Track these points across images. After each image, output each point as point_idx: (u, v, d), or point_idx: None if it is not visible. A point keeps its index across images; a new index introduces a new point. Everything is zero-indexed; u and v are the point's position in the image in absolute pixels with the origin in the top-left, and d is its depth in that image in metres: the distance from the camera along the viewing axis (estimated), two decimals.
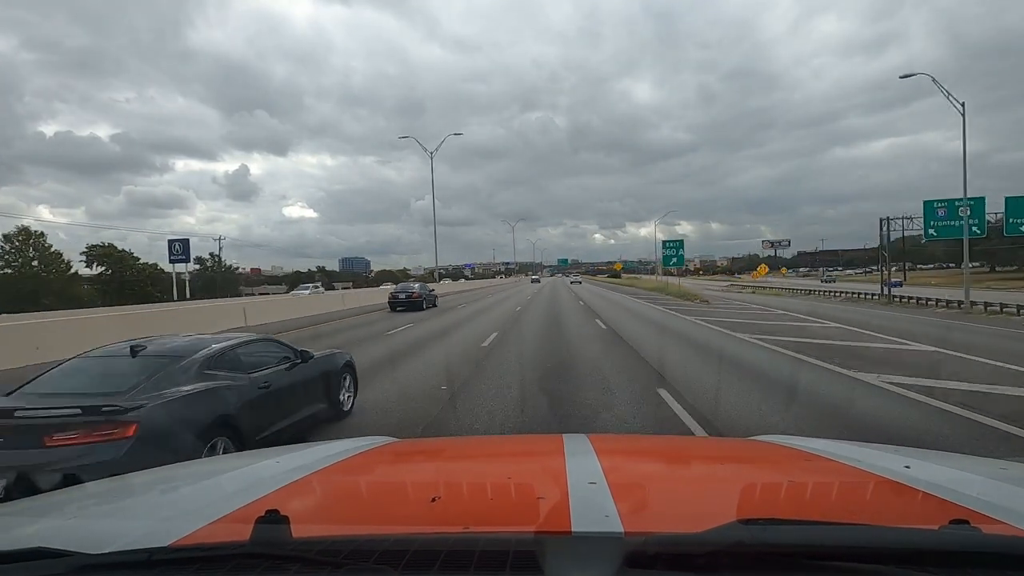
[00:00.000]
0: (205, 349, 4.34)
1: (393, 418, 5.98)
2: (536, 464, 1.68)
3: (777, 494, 1.30)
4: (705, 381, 7.73)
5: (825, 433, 4.93)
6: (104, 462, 3.07)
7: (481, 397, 6.81)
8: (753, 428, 5.39)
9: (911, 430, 5.34)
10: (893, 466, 1.38)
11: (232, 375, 4.32)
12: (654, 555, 0.78)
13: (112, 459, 3.12)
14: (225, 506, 1.13)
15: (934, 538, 0.82)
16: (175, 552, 0.87)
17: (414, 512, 1.17)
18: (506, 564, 0.79)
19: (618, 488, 1.15)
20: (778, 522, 0.83)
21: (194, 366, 4.09)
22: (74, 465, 3.05)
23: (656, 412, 6.08)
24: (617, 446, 2.15)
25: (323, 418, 5.49)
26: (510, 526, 1.01)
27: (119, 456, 3.16)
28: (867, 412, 6.00)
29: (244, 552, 0.83)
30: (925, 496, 1.15)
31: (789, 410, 6.11)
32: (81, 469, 2.98)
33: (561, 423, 5.68)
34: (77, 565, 0.81)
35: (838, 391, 7.09)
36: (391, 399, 6.81)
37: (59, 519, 1.15)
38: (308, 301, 24.39)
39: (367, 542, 0.84)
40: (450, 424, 5.76)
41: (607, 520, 0.96)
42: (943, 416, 5.75)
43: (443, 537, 0.88)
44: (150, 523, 1.08)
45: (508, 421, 5.78)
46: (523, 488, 1.27)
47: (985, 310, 21.45)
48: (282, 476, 1.38)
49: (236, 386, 4.24)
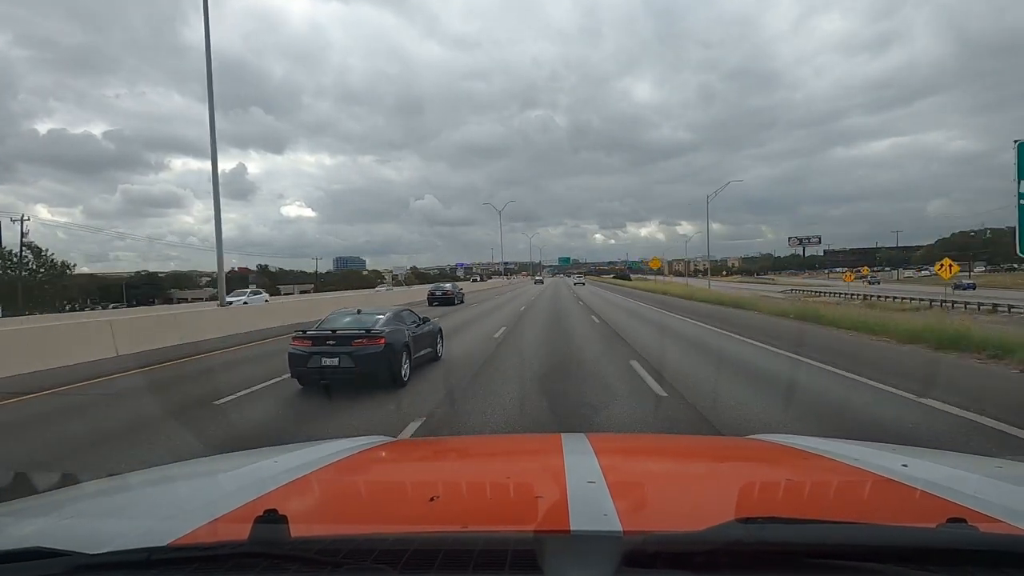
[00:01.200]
0: (390, 311, 8.76)
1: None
2: (535, 463, 1.68)
3: (775, 493, 1.30)
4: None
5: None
6: (375, 353, 7.16)
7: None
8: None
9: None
10: (891, 465, 1.39)
11: (403, 325, 8.42)
12: (653, 554, 0.78)
13: (377, 352, 7.20)
14: (224, 505, 1.12)
15: (931, 536, 0.82)
16: (174, 551, 0.87)
17: (413, 511, 1.17)
18: (505, 563, 0.79)
19: (617, 487, 1.15)
20: (776, 521, 0.83)
21: (391, 318, 8.35)
22: (365, 353, 7.13)
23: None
24: (615, 445, 2.16)
25: (428, 358, 9.27)
26: (509, 525, 1.01)
27: (380, 351, 7.22)
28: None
29: (243, 551, 0.83)
30: (923, 495, 1.16)
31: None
32: (366, 356, 7.10)
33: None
34: (75, 565, 0.81)
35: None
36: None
37: (57, 519, 1.14)
38: (221, 316, 16.46)
39: (366, 541, 0.84)
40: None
41: (606, 519, 0.96)
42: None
43: (442, 536, 0.88)
44: (148, 522, 1.07)
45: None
46: (522, 487, 1.27)
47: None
48: (281, 475, 1.38)
49: (407, 329, 8.40)
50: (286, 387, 7.68)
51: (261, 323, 17.24)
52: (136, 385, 8.50)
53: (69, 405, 7.21)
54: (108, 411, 6.86)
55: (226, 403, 6.94)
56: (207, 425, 6.00)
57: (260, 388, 7.77)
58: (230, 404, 6.92)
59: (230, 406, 6.83)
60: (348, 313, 8.77)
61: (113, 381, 8.83)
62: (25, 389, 8.05)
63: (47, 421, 6.44)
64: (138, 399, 7.53)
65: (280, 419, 6.27)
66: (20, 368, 9.48)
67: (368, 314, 8.50)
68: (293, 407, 6.75)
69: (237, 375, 8.97)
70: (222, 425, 6.09)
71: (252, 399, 7.19)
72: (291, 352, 7.49)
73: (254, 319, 17.41)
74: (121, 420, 6.36)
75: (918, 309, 27.79)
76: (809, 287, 59.51)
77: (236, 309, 19.45)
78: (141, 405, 7.14)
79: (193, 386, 8.36)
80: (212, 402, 6.98)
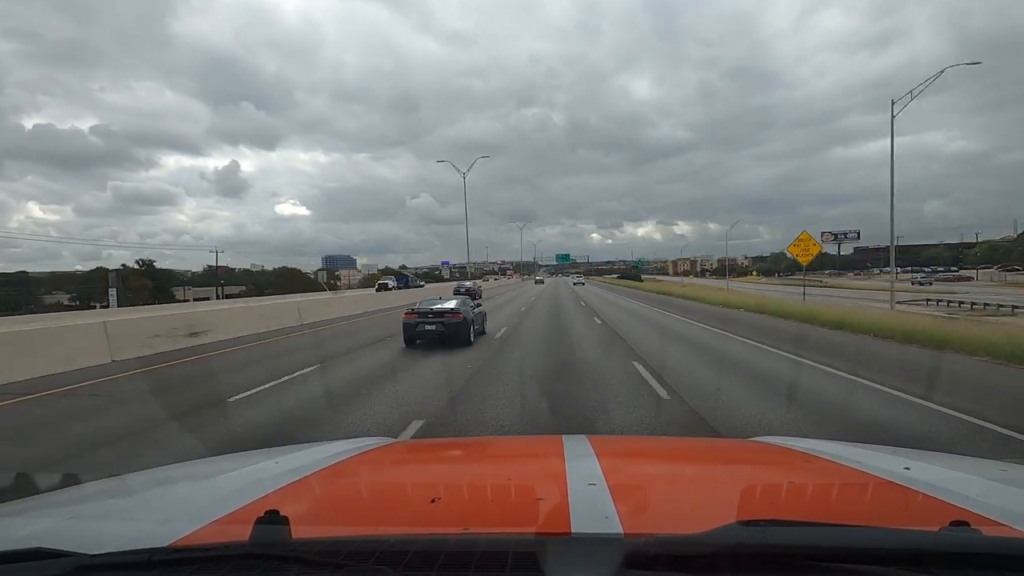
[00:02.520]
0: (459, 299, 13.83)
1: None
2: (536, 465, 1.68)
3: (777, 495, 1.30)
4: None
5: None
6: (457, 323, 11.77)
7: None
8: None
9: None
10: (893, 467, 1.38)
11: (468, 308, 12.85)
12: (654, 556, 0.78)
13: (458, 323, 11.84)
14: (225, 507, 1.12)
15: (934, 540, 0.82)
16: (174, 553, 0.87)
17: (414, 513, 1.17)
18: (506, 565, 0.79)
19: (618, 489, 1.15)
20: (778, 523, 0.83)
21: (462, 303, 13.03)
22: (452, 323, 11.70)
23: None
24: (616, 447, 2.15)
25: (478, 331, 13.30)
26: (510, 527, 1.01)
27: (460, 322, 11.89)
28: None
29: (244, 553, 0.83)
30: (925, 498, 1.15)
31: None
32: (452, 324, 11.72)
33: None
34: (76, 565, 0.81)
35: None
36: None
37: (58, 519, 1.15)
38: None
39: (367, 543, 0.84)
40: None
41: (607, 521, 0.96)
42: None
43: (443, 538, 0.88)
44: (149, 523, 1.08)
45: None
46: (523, 489, 1.27)
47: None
48: (282, 477, 1.38)
49: (471, 308, 13.15)
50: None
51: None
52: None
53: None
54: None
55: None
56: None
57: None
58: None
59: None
60: (434, 300, 13.14)
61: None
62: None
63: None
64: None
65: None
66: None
67: (446, 299, 13.37)
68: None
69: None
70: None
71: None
72: (404, 322, 12.11)
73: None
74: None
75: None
76: (910, 293, 39.40)
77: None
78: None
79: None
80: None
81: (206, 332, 13.97)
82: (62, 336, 10.59)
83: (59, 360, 9.80)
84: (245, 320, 16.19)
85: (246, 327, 15.66)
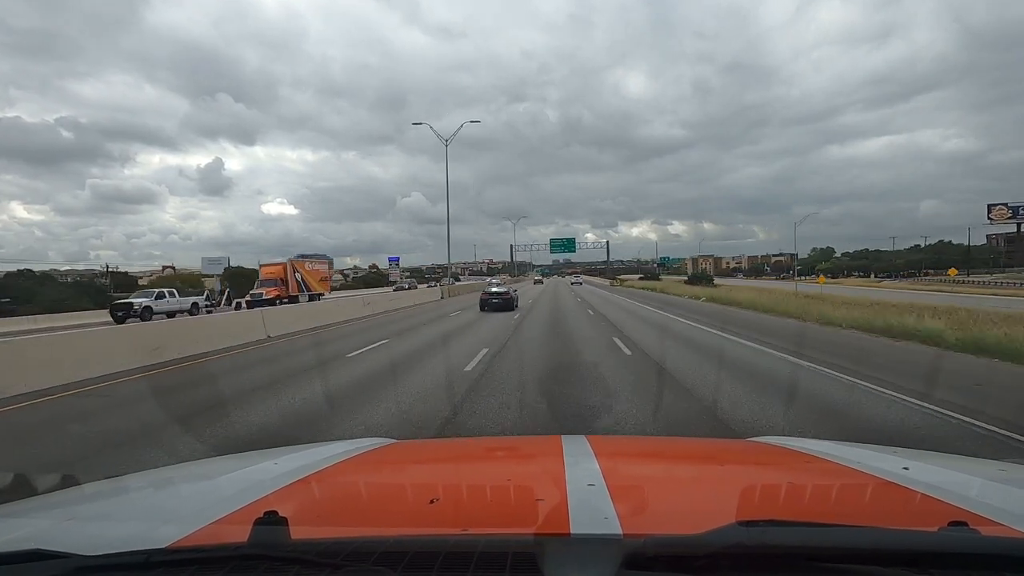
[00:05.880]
0: (507, 287, 28.98)
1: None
2: (535, 466, 1.68)
3: (777, 496, 1.30)
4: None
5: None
6: (509, 298, 23.99)
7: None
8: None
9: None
10: (892, 468, 1.38)
11: (507, 291, 25.22)
12: (653, 557, 0.78)
13: (509, 298, 24.06)
14: (223, 507, 1.12)
15: (933, 540, 0.82)
16: (173, 554, 0.87)
17: (413, 513, 1.17)
18: (505, 566, 0.79)
19: (617, 490, 1.15)
20: (778, 524, 0.83)
21: (509, 289, 26.55)
22: (506, 298, 24.00)
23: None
24: (616, 447, 2.15)
25: (514, 307, 23.76)
26: (509, 528, 1.01)
27: (510, 297, 24.19)
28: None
29: (242, 554, 0.83)
30: (924, 498, 1.15)
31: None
32: (507, 298, 23.92)
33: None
34: (74, 567, 0.81)
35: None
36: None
37: (56, 520, 1.14)
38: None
39: (366, 543, 0.84)
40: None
41: (606, 522, 0.96)
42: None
43: (442, 539, 0.88)
44: (148, 524, 1.07)
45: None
46: (522, 490, 1.27)
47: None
48: (281, 477, 1.38)
49: (514, 292, 26.15)
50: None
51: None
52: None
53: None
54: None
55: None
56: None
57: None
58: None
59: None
60: (493, 285, 26.17)
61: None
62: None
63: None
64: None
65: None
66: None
67: (501, 285, 28.33)
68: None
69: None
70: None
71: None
72: (481, 298, 23.74)
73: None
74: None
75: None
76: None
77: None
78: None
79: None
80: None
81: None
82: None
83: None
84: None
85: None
